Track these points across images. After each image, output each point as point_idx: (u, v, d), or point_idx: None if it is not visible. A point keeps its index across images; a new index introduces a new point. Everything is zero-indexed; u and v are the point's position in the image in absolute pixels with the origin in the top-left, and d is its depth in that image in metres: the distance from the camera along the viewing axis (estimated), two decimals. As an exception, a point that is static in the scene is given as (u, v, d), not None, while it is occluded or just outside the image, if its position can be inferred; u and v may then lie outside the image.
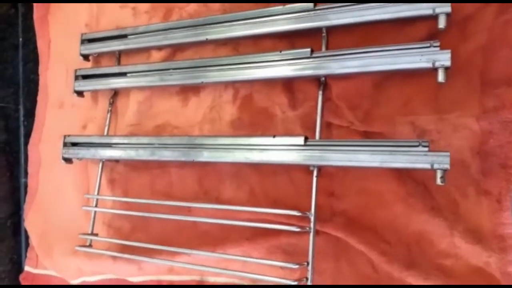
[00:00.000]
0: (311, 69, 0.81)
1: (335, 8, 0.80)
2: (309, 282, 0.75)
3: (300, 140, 0.79)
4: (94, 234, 1.03)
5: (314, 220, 0.77)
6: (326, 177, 0.84)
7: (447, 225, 0.73)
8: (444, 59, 0.70)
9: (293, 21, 0.84)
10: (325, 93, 0.85)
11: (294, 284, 0.74)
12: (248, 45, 0.96)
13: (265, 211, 0.79)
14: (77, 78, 1.11)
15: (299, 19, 0.84)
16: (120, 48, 1.08)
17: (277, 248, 0.86)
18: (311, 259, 0.76)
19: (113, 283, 1.07)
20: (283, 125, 0.90)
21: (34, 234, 1.21)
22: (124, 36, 1.07)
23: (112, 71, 1.07)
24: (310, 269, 0.75)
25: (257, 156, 0.82)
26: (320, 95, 0.84)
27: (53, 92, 1.26)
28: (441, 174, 0.67)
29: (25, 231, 1.26)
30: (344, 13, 0.79)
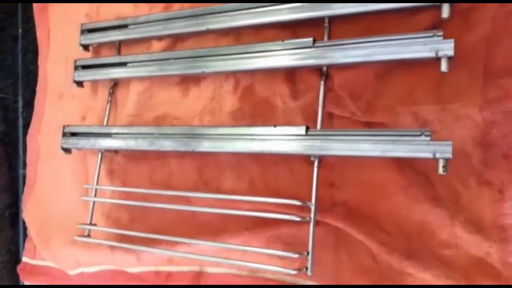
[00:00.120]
0: (313, 58, 0.80)
1: (337, -3, 0.79)
2: (308, 272, 0.75)
3: (301, 130, 0.78)
4: (92, 224, 1.02)
5: (314, 209, 0.77)
6: (326, 168, 0.84)
7: (448, 215, 0.73)
8: (447, 48, 0.70)
9: (295, 10, 0.84)
10: (327, 83, 0.84)
11: (293, 273, 0.74)
12: (249, 35, 0.95)
13: (265, 200, 0.79)
14: (76, 68, 1.11)
15: (301, 8, 0.83)
16: (120, 38, 1.07)
17: (277, 238, 0.86)
18: (311, 248, 0.76)
19: (111, 274, 1.07)
20: (284, 116, 0.89)
21: (32, 225, 1.21)
22: (124, 26, 1.06)
23: (112, 61, 1.06)
24: (310, 259, 0.75)
25: (257, 146, 0.82)
26: (322, 85, 0.83)
27: (52, 82, 1.26)
28: (443, 163, 0.66)
29: (23, 222, 1.26)
30: (346, 3, 0.78)
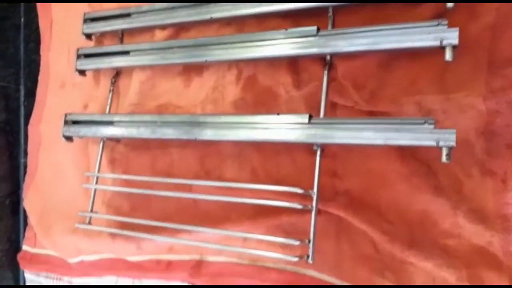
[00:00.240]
0: (317, 47, 0.79)
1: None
2: (310, 259, 0.75)
3: (304, 118, 0.78)
4: (93, 212, 1.02)
5: (316, 198, 0.77)
6: (329, 158, 0.84)
7: (450, 205, 0.73)
8: (452, 37, 0.69)
9: (299, -1, 0.83)
10: (331, 73, 0.84)
11: (295, 260, 0.74)
12: (252, 24, 0.95)
13: (267, 188, 0.79)
14: (79, 57, 1.10)
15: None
16: (123, 27, 1.06)
17: (278, 227, 0.86)
18: (312, 236, 0.76)
19: (111, 262, 1.06)
20: (287, 105, 0.89)
21: (33, 213, 1.21)
22: (127, 15, 1.05)
23: (115, 49, 1.05)
24: (311, 247, 0.75)
25: (260, 134, 0.82)
26: (325, 74, 0.83)
27: (54, 72, 1.26)
28: (446, 151, 0.66)
29: (24, 211, 1.26)
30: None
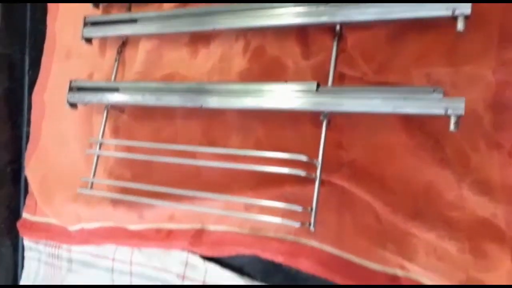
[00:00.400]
0: (327, 15, 0.79)
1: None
2: (311, 227, 0.75)
3: (312, 86, 0.77)
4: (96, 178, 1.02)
5: (320, 167, 0.77)
6: (335, 130, 0.83)
7: (456, 177, 0.73)
8: (464, 7, 0.68)
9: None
10: (340, 44, 0.83)
11: (297, 225, 0.74)
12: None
13: (271, 155, 0.78)
14: (86, 24, 1.09)
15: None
16: (131, -5, 1.06)
17: (280, 198, 0.85)
18: (315, 205, 0.76)
19: (111, 231, 1.06)
20: (295, 76, 0.88)
21: (34, 181, 1.21)
22: (135, -17, 1.05)
23: (122, 17, 1.05)
24: (313, 214, 0.75)
25: (267, 102, 0.81)
26: (334, 45, 0.82)
27: (60, 41, 1.25)
28: (455, 119, 0.66)
29: (25, 179, 1.25)
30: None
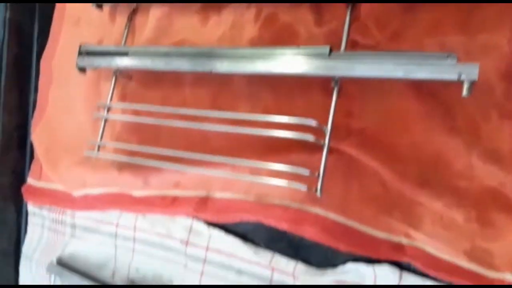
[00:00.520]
0: (342, -19, 0.79)
1: None
2: (318, 192, 0.75)
3: (325, 50, 0.77)
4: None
5: (329, 133, 0.76)
6: (345, 98, 0.82)
7: (465, 146, 0.72)
8: (482, -26, 0.68)
9: None
10: (354, 12, 0.82)
11: (304, 189, 0.73)
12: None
13: (279, 119, 0.78)
14: (97, -10, 1.10)
15: None
16: (144, -38, 1.05)
17: (287, 164, 0.85)
18: (322, 170, 0.75)
19: (115, 197, 1.06)
20: (307, 43, 0.87)
21: (40, 146, 1.21)
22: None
23: (134, -17, 1.05)
24: (320, 180, 0.75)
25: (279, 66, 0.81)
26: (348, 14, 0.81)
27: (70, 8, 1.24)
28: (468, 85, 0.65)
29: (31, 145, 1.26)
30: None
